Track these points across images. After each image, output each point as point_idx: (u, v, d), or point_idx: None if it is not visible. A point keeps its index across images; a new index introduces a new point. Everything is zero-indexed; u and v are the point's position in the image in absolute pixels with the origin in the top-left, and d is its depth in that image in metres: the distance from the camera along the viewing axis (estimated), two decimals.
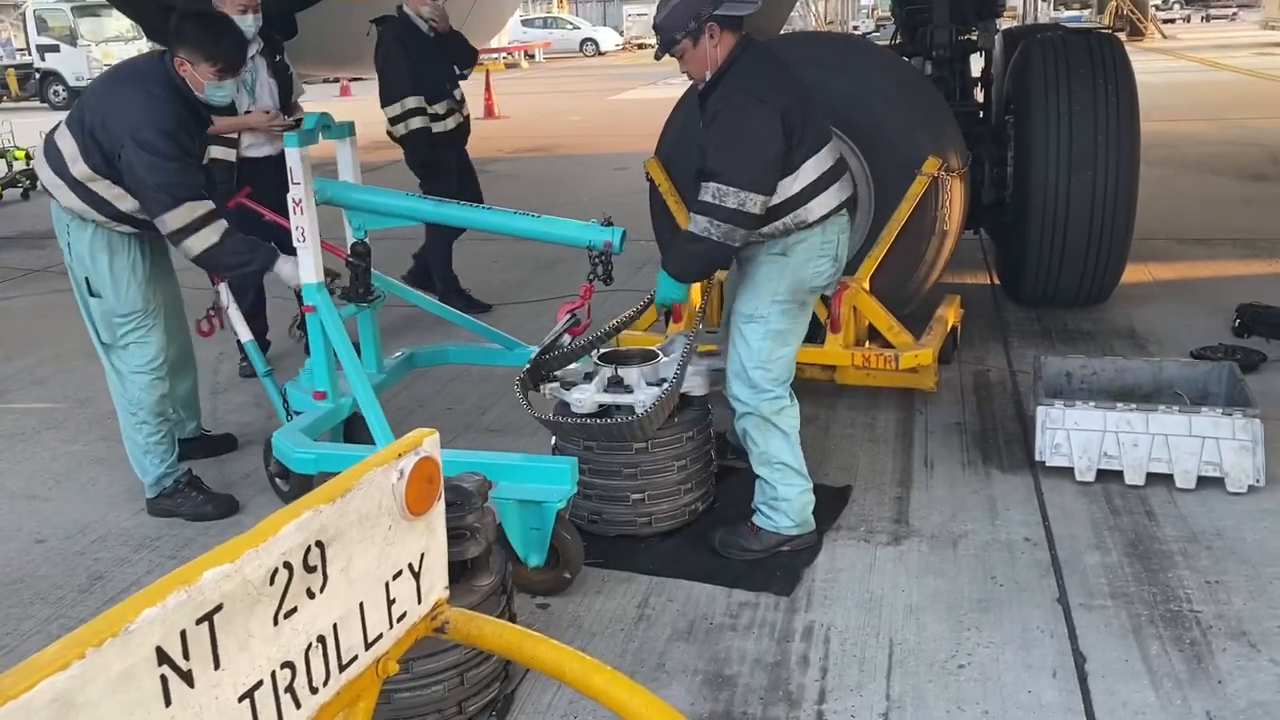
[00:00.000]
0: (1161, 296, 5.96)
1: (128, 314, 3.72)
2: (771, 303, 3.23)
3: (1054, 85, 5.28)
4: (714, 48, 3.11)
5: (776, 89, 3.08)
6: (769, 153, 3.03)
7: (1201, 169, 9.80)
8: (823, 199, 3.17)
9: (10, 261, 8.49)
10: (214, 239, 3.48)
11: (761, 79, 3.09)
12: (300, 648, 1.12)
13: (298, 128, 3.68)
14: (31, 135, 13.05)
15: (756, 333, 3.25)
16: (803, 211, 3.15)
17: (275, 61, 5.23)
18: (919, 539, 3.42)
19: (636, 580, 3.26)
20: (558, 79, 27.69)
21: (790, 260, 3.21)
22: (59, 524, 3.84)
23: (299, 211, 3.53)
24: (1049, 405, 3.75)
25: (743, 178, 3.01)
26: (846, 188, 3.27)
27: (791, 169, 3.10)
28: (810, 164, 3.14)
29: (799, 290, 3.26)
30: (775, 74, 3.13)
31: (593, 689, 1.22)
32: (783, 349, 3.28)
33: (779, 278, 3.22)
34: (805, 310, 3.36)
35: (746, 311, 3.27)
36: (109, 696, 0.90)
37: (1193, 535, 3.35)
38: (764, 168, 3.04)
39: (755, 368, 3.26)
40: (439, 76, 5.90)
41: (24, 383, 5.47)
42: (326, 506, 1.13)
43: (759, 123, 3.02)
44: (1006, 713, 2.56)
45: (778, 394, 3.28)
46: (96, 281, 3.70)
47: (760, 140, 3.02)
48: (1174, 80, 17.50)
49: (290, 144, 3.48)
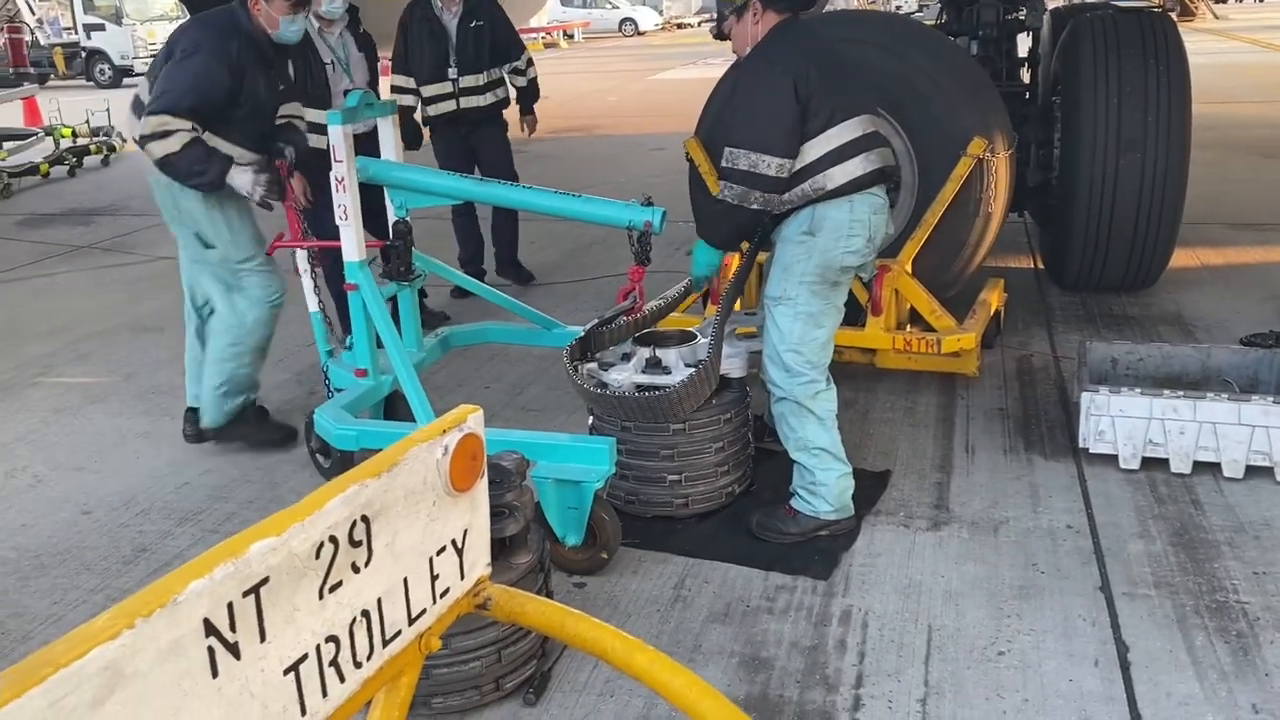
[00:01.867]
0: (1210, 282, 5.85)
1: (246, 257, 4.01)
2: (799, 284, 3.20)
3: (1103, 65, 5.18)
4: (755, 24, 3.19)
5: (792, 55, 3.12)
6: (779, 114, 3.07)
7: (1253, 152, 9.58)
8: (845, 167, 3.12)
9: (57, 237, 8.62)
10: (174, 147, 3.69)
11: (782, 47, 3.15)
12: (345, 622, 1.12)
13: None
14: (78, 113, 13.25)
15: (786, 314, 3.22)
16: (822, 178, 3.12)
17: (360, 35, 5.26)
18: (959, 525, 3.39)
19: (673, 561, 3.26)
20: (596, 59, 27.58)
21: (817, 240, 3.17)
22: (104, 496, 3.90)
23: (341, 189, 3.54)
24: (1093, 391, 3.69)
25: (752, 139, 3.07)
26: (874, 160, 3.18)
27: (809, 135, 3.10)
28: (833, 131, 3.11)
29: (829, 270, 3.21)
30: (799, 44, 3.17)
31: (635, 668, 1.21)
32: (815, 331, 3.24)
33: (806, 258, 3.19)
34: (838, 291, 3.30)
35: (775, 294, 3.25)
36: (158, 667, 0.91)
37: (1240, 525, 3.29)
38: (772, 128, 3.07)
39: (787, 350, 3.23)
40: (436, 59, 5.76)
41: (69, 357, 5.56)
42: (372, 481, 1.12)
43: (768, 86, 3.10)
44: (1046, 701, 2.54)
45: (811, 378, 3.25)
46: (211, 233, 3.96)
47: (770, 102, 3.08)
48: (1225, 61, 17.12)
49: (333, 121, 3.49)
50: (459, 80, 5.80)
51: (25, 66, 13.63)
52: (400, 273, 3.79)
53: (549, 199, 3.65)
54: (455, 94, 5.82)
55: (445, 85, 5.80)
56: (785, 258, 3.23)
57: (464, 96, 5.84)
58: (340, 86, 5.04)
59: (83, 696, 0.84)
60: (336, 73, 5.14)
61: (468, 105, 5.85)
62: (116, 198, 10.47)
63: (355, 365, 3.82)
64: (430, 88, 5.80)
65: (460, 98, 5.83)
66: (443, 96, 5.82)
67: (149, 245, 8.19)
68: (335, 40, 5.16)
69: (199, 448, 4.27)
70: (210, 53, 3.73)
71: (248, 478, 4.00)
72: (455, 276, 4.53)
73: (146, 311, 6.34)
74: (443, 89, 5.81)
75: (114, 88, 24.66)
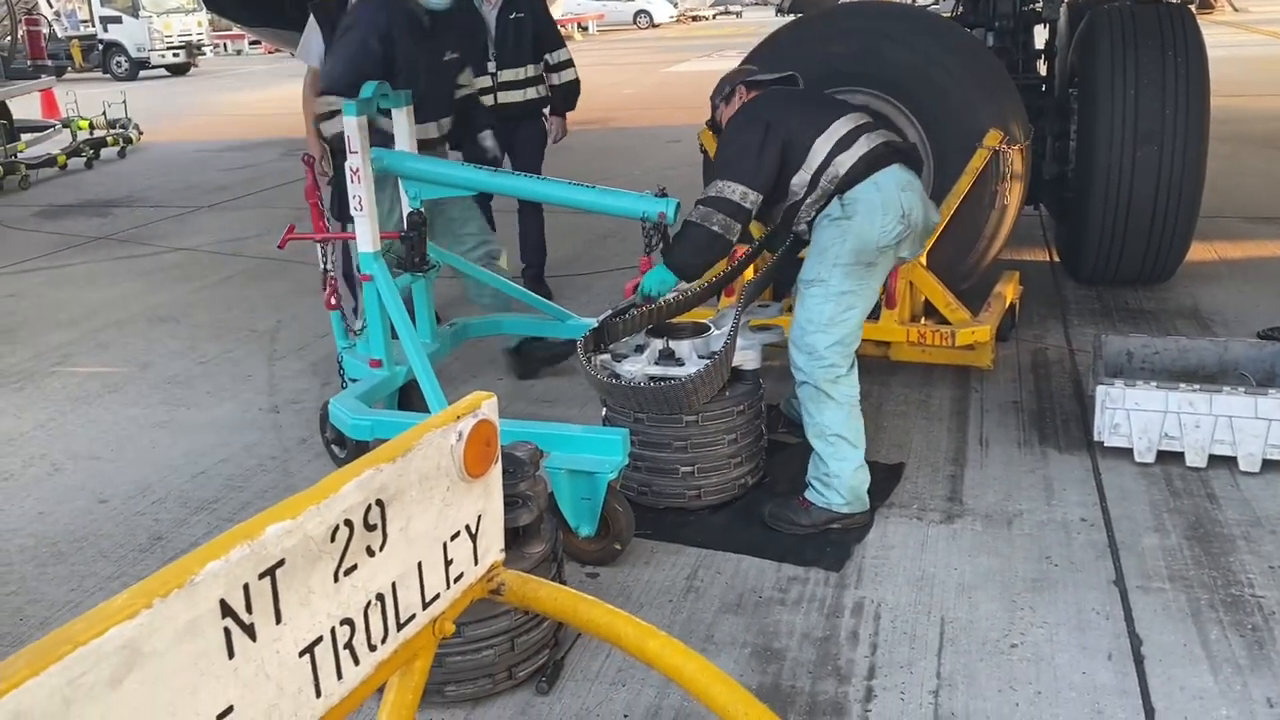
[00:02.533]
0: (1227, 276, 5.81)
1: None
2: (834, 265, 3.22)
3: (1120, 58, 5.14)
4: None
5: (765, 105, 3.41)
6: (748, 145, 3.26)
7: (1271, 146, 9.51)
8: (851, 150, 3.24)
9: (74, 229, 8.67)
10: (339, 127, 3.73)
11: (755, 103, 3.44)
12: (360, 605, 1.12)
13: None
14: (95, 105, 13.31)
15: (818, 295, 3.24)
16: (833, 168, 3.23)
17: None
18: (972, 517, 3.38)
19: (685, 552, 3.26)
20: (611, 51, 27.54)
21: (853, 223, 3.21)
22: (120, 485, 3.93)
23: (356, 180, 3.55)
24: (1109, 384, 3.67)
25: (727, 171, 3.27)
26: (879, 137, 3.31)
27: (809, 142, 3.25)
28: (827, 134, 3.26)
29: (864, 251, 3.22)
30: (768, 98, 3.47)
31: (647, 654, 1.21)
32: (847, 313, 3.24)
33: (841, 240, 3.22)
34: (873, 273, 3.30)
35: (809, 277, 3.28)
36: (175, 646, 0.91)
37: (1256, 519, 3.27)
38: (741, 158, 3.26)
39: (816, 331, 3.23)
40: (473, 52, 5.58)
41: (87, 347, 5.60)
42: (387, 465, 1.13)
43: (745, 129, 3.32)
44: (1059, 693, 2.53)
45: (833, 362, 3.24)
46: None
47: (746, 143, 3.27)
48: (1245, 55, 16.97)
49: (349, 113, 3.50)
50: (498, 74, 5.65)
51: (43, 59, 13.67)
52: (415, 264, 3.79)
53: (563, 190, 3.65)
54: (494, 88, 5.65)
55: (484, 80, 5.62)
56: (822, 241, 3.28)
57: (502, 91, 5.68)
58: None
59: (101, 675, 0.85)
60: None
61: (506, 100, 5.68)
62: (133, 189, 10.53)
63: (370, 356, 3.84)
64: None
65: (499, 92, 5.67)
66: (482, 91, 5.57)
67: (165, 236, 8.24)
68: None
69: (214, 438, 4.30)
70: (363, 26, 3.94)
71: (263, 467, 4.02)
72: (469, 268, 4.54)
73: (163, 302, 6.38)
74: (481, 83, 5.58)
75: (130, 80, 24.79)
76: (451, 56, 4.20)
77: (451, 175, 3.84)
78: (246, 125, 15.41)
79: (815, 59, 4.58)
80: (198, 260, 7.43)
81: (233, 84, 24.08)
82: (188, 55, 27.01)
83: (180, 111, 18.22)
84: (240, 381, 4.96)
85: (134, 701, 0.88)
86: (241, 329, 5.77)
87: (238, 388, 4.88)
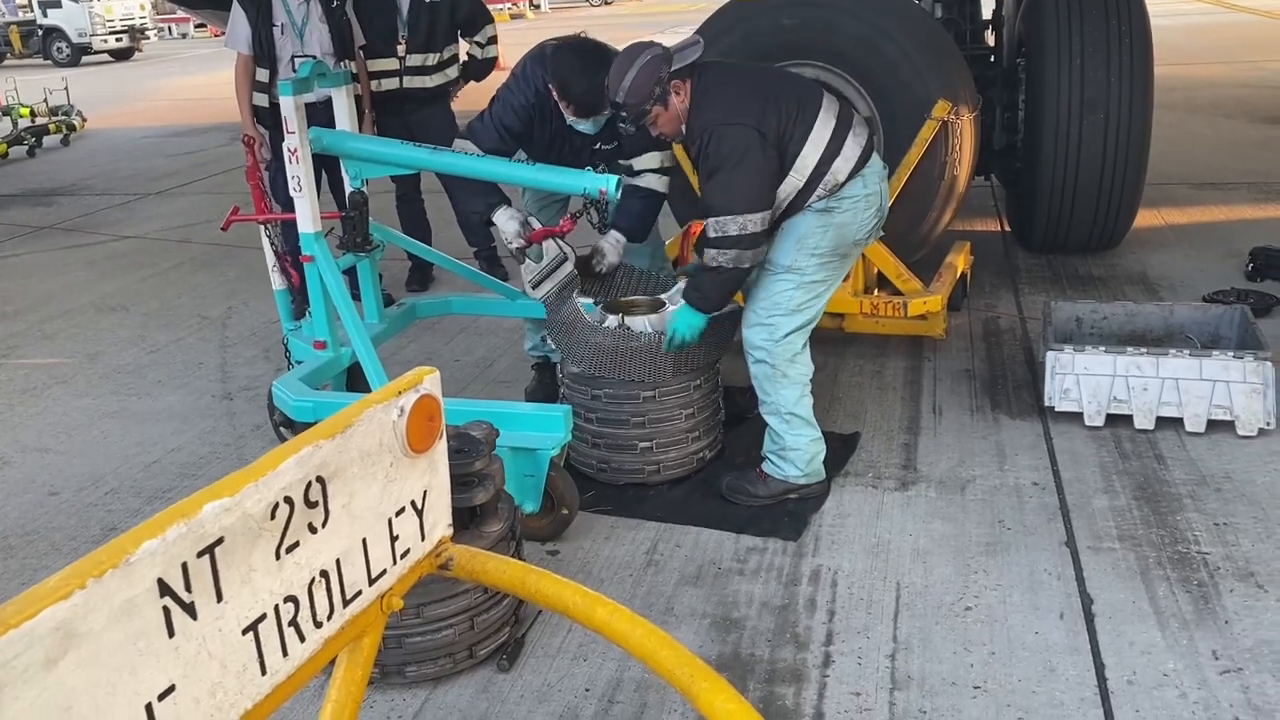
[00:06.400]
0: (1174, 241, 5.90)
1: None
2: (810, 255, 3.20)
3: (1065, 26, 5.19)
4: (681, 102, 3.14)
5: (743, 104, 3.09)
6: (753, 170, 3.05)
7: (1216, 112, 9.66)
8: (845, 154, 3.15)
9: (17, 219, 8.49)
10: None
11: (725, 102, 3.10)
12: (303, 582, 1.12)
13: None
14: (35, 92, 13.01)
15: (789, 282, 3.21)
16: (830, 176, 3.14)
17: (332, 8, 5.07)
18: (926, 484, 3.43)
19: (645, 527, 3.27)
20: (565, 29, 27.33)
21: (836, 218, 3.18)
22: (72, 476, 3.87)
23: (294, 160, 3.53)
24: (1058, 350, 3.73)
25: (736, 203, 3.05)
26: (861, 133, 3.23)
27: (796, 154, 3.11)
28: (814, 136, 3.12)
29: (841, 244, 3.22)
30: (736, 89, 3.14)
31: (595, 622, 1.22)
32: (814, 300, 3.25)
33: (822, 232, 3.18)
34: (845, 264, 3.33)
35: (784, 263, 3.22)
36: (111, 626, 0.91)
37: (1202, 478, 3.34)
38: (753, 185, 3.06)
39: (781, 315, 3.22)
40: (381, 35, 5.40)
41: (34, 338, 5.49)
42: (326, 442, 1.12)
43: (737, 145, 3.04)
44: (1013, 653, 2.58)
45: (793, 342, 3.26)
46: None
47: (743, 162, 3.04)
48: (1188, 23, 17.20)
49: (284, 93, 3.49)
50: (405, 59, 5.45)
51: None
52: (357, 244, 3.78)
53: (504, 168, 3.62)
54: (400, 72, 5.46)
55: (391, 62, 5.44)
56: (800, 228, 3.20)
57: (408, 76, 5.48)
58: (289, 53, 4.93)
59: (34, 657, 0.84)
60: (285, 35, 4.99)
61: (411, 85, 5.50)
62: (78, 177, 10.31)
63: (314, 337, 3.82)
64: (376, 63, 5.44)
65: (404, 76, 5.47)
66: (388, 73, 5.46)
67: (112, 224, 8.09)
68: (296, 3, 4.99)
69: (166, 426, 4.24)
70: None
71: (217, 455, 3.98)
72: (415, 247, 4.50)
73: (111, 291, 6.27)
74: (388, 65, 5.45)
75: (72, 66, 24.24)
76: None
77: (391, 154, 3.82)
78: (193, 110, 15.15)
79: (766, 32, 4.58)
80: (146, 248, 7.30)
81: (178, 68, 23.63)
82: (131, 40, 26.47)
83: (124, 97, 17.86)
84: (192, 369, 4.89)
85: (71, 682, 0.87)
86: (192, 316, 5.69)
87: (189, 376, 4.81)
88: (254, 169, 3.90)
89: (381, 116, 5.51)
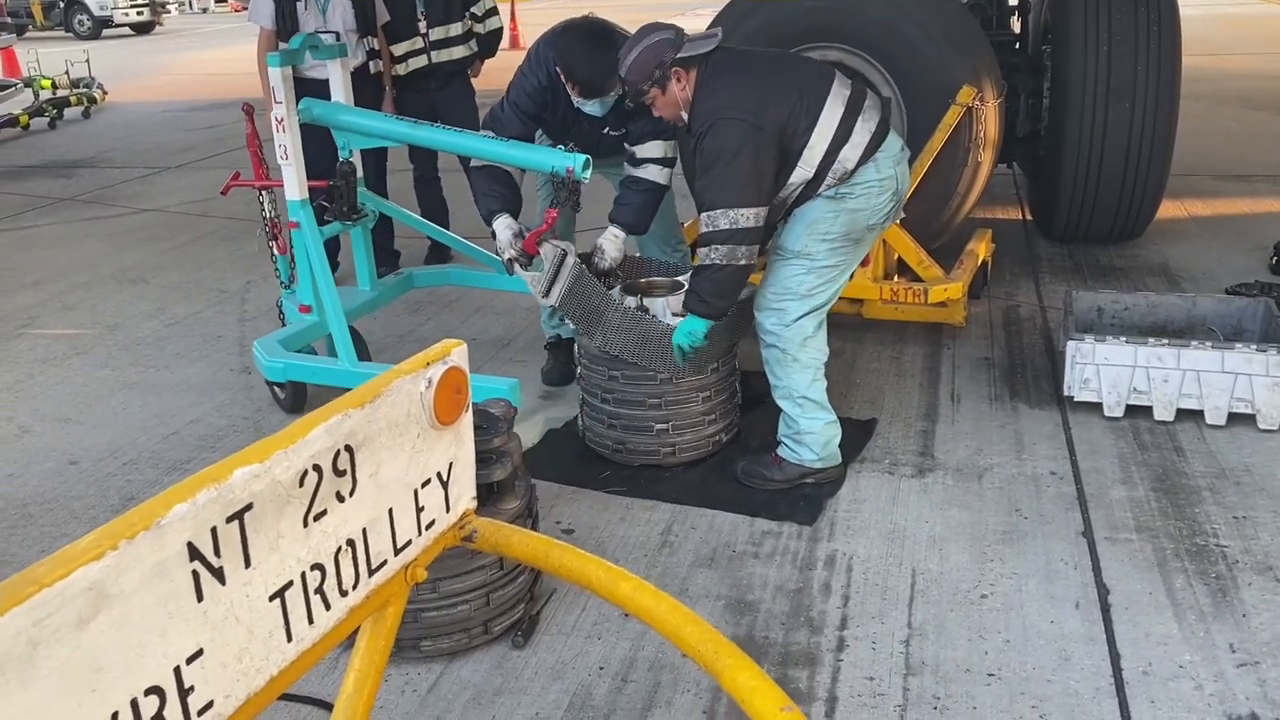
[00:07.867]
0: (1197, 233, 5.85)
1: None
2: (822, 240, 3.16)
3: (1093, 14, 5.14)
4: (681, 90, 3.10)
5: (744, 98, 3.03)
6: (747, 165, 3.00)
7: (1242, 104, 9.56)
8: (853, 141, 3.09)
9: (38, 190, 8.52)
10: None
11: (729, 95, 3.04)
12: (330, 550, 1.12)
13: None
14: (58, 65, 13.04)
15: (800, 268, 3.18)
16: (839, 164, 3.09)
17: None
18: (943, 471, 3.42)
19: (660, 508, 3.28)
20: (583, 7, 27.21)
21: (849, 203, 3.13)
22: (91, 446, 3.89)
23: (281, 130, 3.59)
24: (1079, 340, 3.70)
25: (725, 196, 3.00)
26: (871, 116, 3.14)
27: (803, 146, 3.05)
28: (820, 126, 3.06)
29: (854, 229, 3.18)
30: (740, 82, 3.07)
31: (619, 597, 1.22)
32: (827, 285, 3.22)
33: (834, 217, 3.15)
34: (859, 249, 3.29)
35: (795, 248, 3.19)
36: (142, 588, 0.91)
37: (1221, 471, 3.32)
38: (743, 182, 3.00)
39: (792, 300, 3.20)
40: (402, 16, 5.42)
41: (54, 309, 5.52)
42: (355, 411, 1.13)
43: (731, 141, 2.99)
44: (1028, 642, 2.57)
45: (804, 326, 3.24)
46: None
47: (737, 158, 2.99)
48: (1216, 13, 17.01)
49: (272, 64, 3.54)
50: (429, 34, 5.46)
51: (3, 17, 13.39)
52: (344, 212, 3.83)
53: (477, 143, 3.62)
54: (426, 48, 5.47)
55: (416, 41, 5.44)
56: (811, 213, 3.17)
57: (435, 50, 5.49)
58: (311, 28, 4.91)
59: (67, 616, 0.85)
60: (309, 10, 5.02)
61: (440, 59, 5.51)
62: (98, 150, 10.35)
63: (299, 301, 3.89)
64: (401, 45, 5.45)
65: (432, 51, 5.48)
66: (415, 53, 5.47)
67: (132, 198, 8.12)
68: None
69: (185, 398, 4.26)
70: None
71: (235, 427, 3.99)
72: (410, 219, 4.50)
73: (131, 263, 6.30)
74: (414, 45, 5.46)
75: (93, 39, 24.28)
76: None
77: (374, 127, 3.90)
78: (213, 85, 15.16)
79: (789, 14, 4.55)
80: (165, 221, 7.33)
81: (198, 43, 23.64)
82: (152, 13, 26.49)
83: (145, 71, 17.89)
84: (210, 342, 4.91)
85: (102, 643, 0.88)
86: (211, 289, 5.71)
87: (208, 348, 4.83)
88: (253, 136, 3.98)
89: (405, 96, 5.53)
